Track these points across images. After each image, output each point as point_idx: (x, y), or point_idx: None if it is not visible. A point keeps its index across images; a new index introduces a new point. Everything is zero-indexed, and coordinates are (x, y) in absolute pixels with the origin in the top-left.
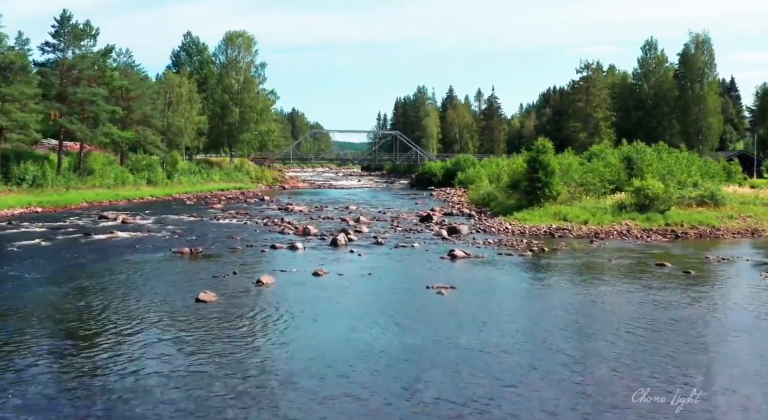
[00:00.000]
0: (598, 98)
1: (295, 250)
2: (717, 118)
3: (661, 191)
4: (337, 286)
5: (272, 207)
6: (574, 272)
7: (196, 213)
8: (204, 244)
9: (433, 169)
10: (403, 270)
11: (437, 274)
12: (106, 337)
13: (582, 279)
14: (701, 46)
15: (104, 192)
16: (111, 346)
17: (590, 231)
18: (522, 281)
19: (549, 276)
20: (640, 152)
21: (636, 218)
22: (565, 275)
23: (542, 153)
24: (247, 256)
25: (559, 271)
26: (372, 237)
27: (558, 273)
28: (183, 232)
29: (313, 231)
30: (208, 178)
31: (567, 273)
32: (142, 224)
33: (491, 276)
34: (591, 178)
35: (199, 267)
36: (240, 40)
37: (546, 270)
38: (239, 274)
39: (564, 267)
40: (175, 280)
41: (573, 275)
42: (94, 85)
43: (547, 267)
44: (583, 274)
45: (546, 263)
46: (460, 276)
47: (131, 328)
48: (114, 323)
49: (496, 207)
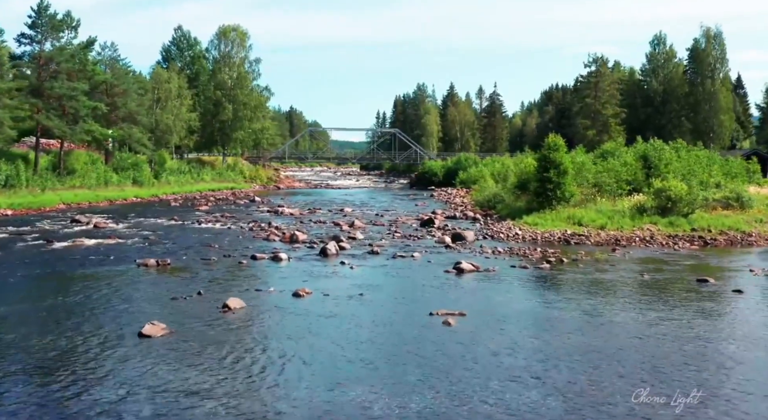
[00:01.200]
0: (607, 94)
1: (278, 262)
2: (729, 115)
3: (685, 193)
4: (319, 314)
5: (262, 209)
6: (604, 292)
7: (179, 216)
8: (175, 253)
9: (434, 168)
10: (401, 288)
11: (442, 294)
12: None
13: (617, 302)
14: (712, 40)
15: (84, 193)
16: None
17: (609, 237)
18: (544, 305)
19: (575, 298)
20: (657, 150)
21: (658, 222)
22: (595, 297)
23: (553, 151)
24: (221, 270)
25: (586, 289)
26: (367, 245)
27: (585, 293)
28: (157, 239)
29: (301, 238)
30: (199, 178)
31: (596, 293)
32: (115, 229)
33: (506, 297)
34: (606, 179)
35: (161, 284)
36: (233, 34)
37: (570, 289)
38: (204, 295)
39: (590, 284)
40: (125, 304)
41: (604, 297)
42: (75, 80)
43: (570, 284)
44: (617, 294)
45: (568, 279)
46: (469, 297)
47: (33, 376)
48: (16, 370)
49: (504, 210)
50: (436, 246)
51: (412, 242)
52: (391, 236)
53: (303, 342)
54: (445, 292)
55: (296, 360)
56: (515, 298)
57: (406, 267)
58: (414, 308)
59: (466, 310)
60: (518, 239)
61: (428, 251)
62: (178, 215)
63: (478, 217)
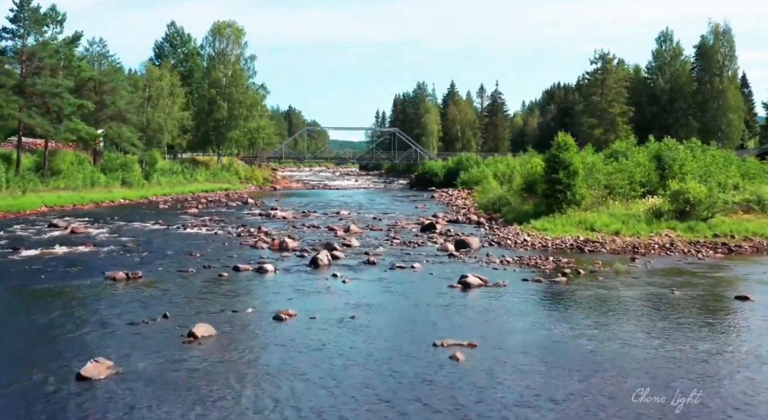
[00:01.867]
0: (614, 91)
1: (263, 274)
2: (738, 114)
3: (704, 195)
4: (302, 345)
5: (254, 212)
6: (636, 316)
7: (164, 219)
8: (151, 263)
9: (434, 168)
10: (399, 308)
11: (447, 316)
12: None
13: (655, 329)
14: (721, 37)
15: (68, 195)
16: None
17: (626, 244)
18: (569, 333)
19: (604, 323)
20: (672, 150)
21: (676, 227)
22: (627, 321)
23: (563, 150)
24: (197, 284)
25: (613, 311)
26: (363, 253)
27: (614, 316)
28: (135, 246)
29: (291, 245)
30: (192, 179)
31: (627, 316)
32: (92, 235)
33: (521, 321)
34: (619, 180)
35: (124, 303)
36: (228, 30)
37: (595, 310)
38: (170, 318)
39: (617, 304)
40: (74, 332)
41: (638, 322)
42: (59, 76)
43: (593, 304)
44: (652, 318)
45: (590, 297)
46: (478, 321)
47: None
48: None
49: (510, 213)
50: (438, 254)
51: (412, 250)
52: (389, 243)
53: (279, 385)
54: (451, 314)
55: (269, 413)
56: (532, 322)
57: (406, 280)
58: (415, 336)
59: (476, 340)
60: (527, 246)
61: (430, 261)
62: (164, 219)
63: (483, 221)
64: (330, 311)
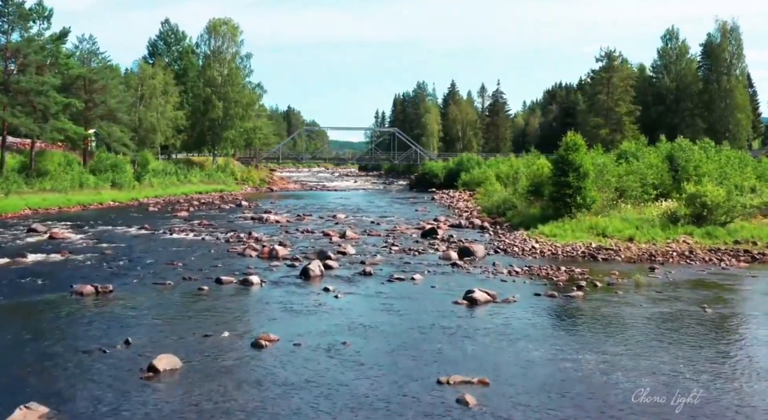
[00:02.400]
0: (620, 90)
1: (248, 287)
2: (745, 114)
3: (722, 198)
4: (281, 381)
5: (246, 215)
6: (667, 338)
7: (151, 224)
8: (126, 275)
9: (434, 169)
10: (398, 332)
11: (452, 342)
12: None
13: (692, 357)
14: (728, 35)
15: (54, 197)
16: None
17: (642, 252)
18: (593, 362)
19: (631, 347)
20: (685, 151)
21: (693, 233)
22: (657, 347)
23: (572, 151)
24: (173, 300)
25: (642, 334)
26: (358, 262)
27: (643, 340)
28: (114, 254)
29: (282, 253)
30: (186, 180)
31: (657, 340)
32: (71, 241)
33: (537, 347)
34: (631, 182)
35: (83, 326)
36: (224, 28)
37: (619, 331)
38: (131, 345)
39: (643, 323)
40: (15, 364)
41: (669, 346)
42: (45, 74)
43: (617, 324)
44: (687, 343)
45: (612, 315)
46: (489, 348)
47: None
48: None
49: (515, 217)
50: (440, 263)
51: (412, 258)
52: (387, 250)
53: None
54: (457, 339)
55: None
56: (551, 349)
57: (405, 295)
58: (416, 370)
59: (487, 375)
60: (536, 254)
61: (431, 271)
62: (151, 222)
63: (486, 225)
64: (318, 335)
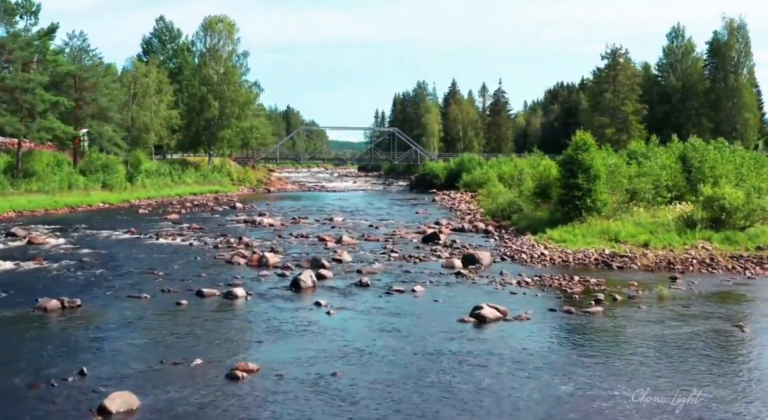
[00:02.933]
0: (626, 88)
1: (232, 301)
2: (753, 113)
3: (741, 201)
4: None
5: (240, 218)
6: (704, 365)
7: (139, 227)
8: (99, 287)
9: (435, 169)
10: (398, 360)
11: (462, 374)
12: None
13: (750, 392)
14: (736, 32)
15: (41, 199)
16: None
17: (659, 259)
18: (626, 398)
19: (665, 377)
20: (699, 151)
21: (711, 238)
22: (698, 373)
23: (582, 151)
24: (146, 318)
25: (674, 359)
26: (355, 271)
27: (676, 364)
28: (92, 261)
29: (272, 261)
30: (180, 181)
31: (700, 370)
32: (50, 246)
33: (564, 381)
34: (644, 184)
35: (37, 350)
36: (220, 25)
37: (649, 356)
38: (86, 378)
39: (674, 345)
40: None
41: (716, 376)
42: (31, 71)
43: (644, 346)
44: (735, 374)
45: (638, 335)
46: (505, 381)
47: None
48: None
49: (521, 221)
50: (443, 273)
51: (412, 266)
52: (386, 257)
53: None
54: (467, 369)
55: None
56: (579, 382)
57: (405, 311)
58: (419, 409)
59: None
60: (545, 261)
61: (434, 282)
62: (139, 226)
63: (491, 229)
64: (305, 363)
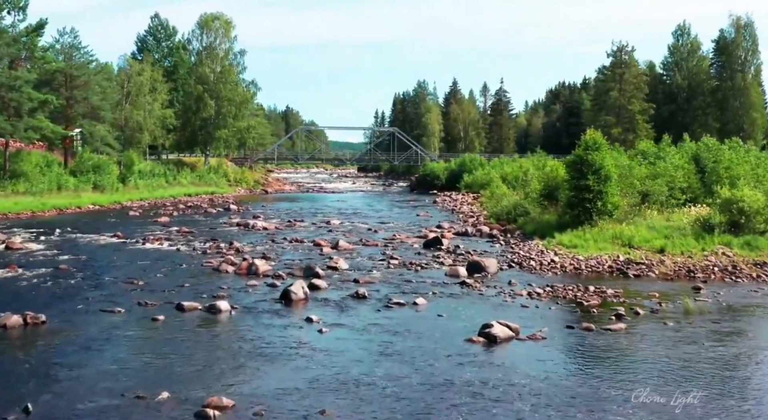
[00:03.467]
0: (633, 87)
1: (215, 315)
2: (761, 113)
3: (762, 204)
4: None
5: (233, 221)
6: (757, 396)
7: (125, 231)
8: (71, 299)
9: (436, 170)
10: (399, 392)
11: (477, 410)
12: None
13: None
14: (743, 30)
15: (28, 201)
16: None
17: (678, 267)
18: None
19: (714, 412)
20: (713, 151)
21: (731, 243)
22: (750, 408)
23: (592, 151)
24: (113, 340)
25: (717, 387)
26: (351, 281)
27: (725, 395)
28: (70, 269)
29: (263, 269)
30: (175, 182)
31: (746, 395)
32: (29, 252)
33: (583, 415)
34: (658, 186)
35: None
36: (217, 23)
37: (688, 384)
38: (31, 416)
39: (713, 371)
40: None
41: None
42: (19, 68)
43: (681, 373)
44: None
45: (672, 359)
46: (525, 416)
47: None
48: None
49: (528, 225)
50: (446, 282)
51: (413, 275)
52: (385, 264)
53: None
54: (481, 404)
55: None
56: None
57: (406, 328)
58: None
59: None
60: (556, 269)
61: (437, 293)
62: (126, 230)
63: (496, 233)
64: (289, 396)
